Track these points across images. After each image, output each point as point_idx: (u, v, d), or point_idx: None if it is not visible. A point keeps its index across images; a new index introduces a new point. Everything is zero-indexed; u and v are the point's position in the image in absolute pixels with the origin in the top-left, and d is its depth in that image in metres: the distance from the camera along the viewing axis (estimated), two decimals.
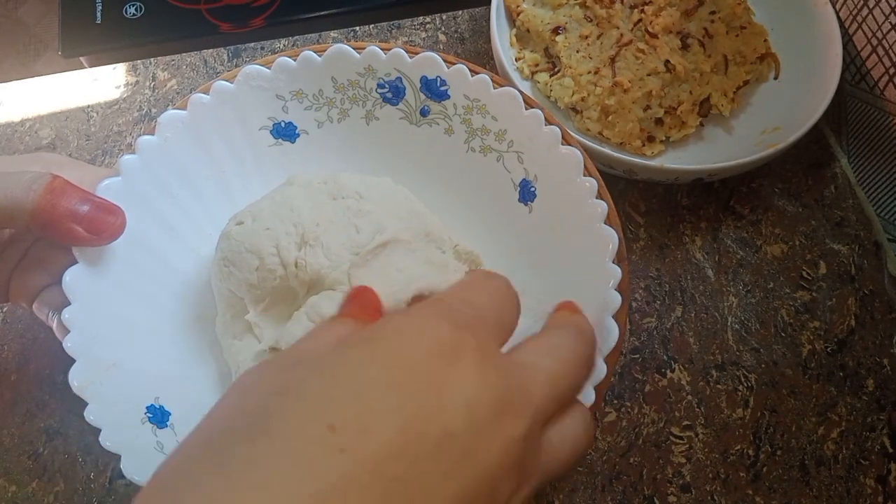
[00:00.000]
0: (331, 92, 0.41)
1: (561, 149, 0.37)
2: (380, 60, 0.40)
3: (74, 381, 0.31)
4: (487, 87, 0.39)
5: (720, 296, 0.49)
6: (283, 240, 0.35)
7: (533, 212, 0.39)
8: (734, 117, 0.53)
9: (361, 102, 0.41)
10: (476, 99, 0.39)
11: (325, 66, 0.40)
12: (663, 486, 0.43)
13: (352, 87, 0.41)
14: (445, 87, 0.40)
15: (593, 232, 0.35)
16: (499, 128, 0.40)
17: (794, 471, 0.44)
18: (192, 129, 0.39)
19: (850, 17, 0.52)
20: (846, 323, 0.48)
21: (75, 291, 0.33)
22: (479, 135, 0.40)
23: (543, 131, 0.38)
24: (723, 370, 0.46)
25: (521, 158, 0.39)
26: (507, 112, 0.39)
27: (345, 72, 0.40)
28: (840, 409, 0.46)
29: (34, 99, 0.55)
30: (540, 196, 0.39)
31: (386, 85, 0.40)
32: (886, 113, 0.50)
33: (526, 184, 0.39)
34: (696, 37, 0.52)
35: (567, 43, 0.52)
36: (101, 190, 0.34)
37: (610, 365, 0.37)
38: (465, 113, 0.40)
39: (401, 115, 0.41)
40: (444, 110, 0.41)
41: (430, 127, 0.41)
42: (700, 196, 0.52)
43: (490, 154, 0.40)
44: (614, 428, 0.44)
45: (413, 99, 0.41)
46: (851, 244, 0.51)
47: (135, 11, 0.71)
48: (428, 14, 0.59)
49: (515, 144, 0.39)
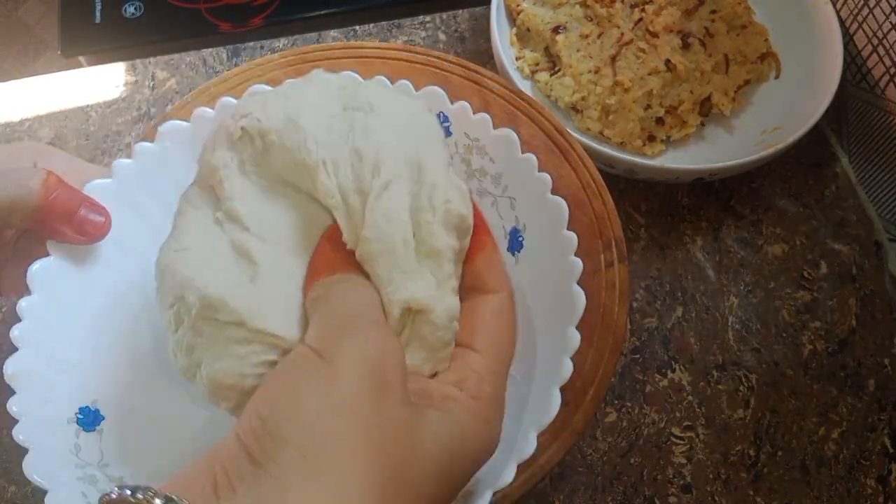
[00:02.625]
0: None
1: (549, 197, 0.36)
2: None
3: (8, 368, 0.31)
4: (487, 126, 0.38)
5: (721, 296, 0.49)
6: None
7: (518, 263, 0.38)
8: (735, 117, 0.53)
9: None
10: (476, 139, 0.39)
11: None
12: (664, 487, 0.43)
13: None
14: (448, 123, 0.39)
15: (565, 292, 0.34)
16: (496, 171, 0.39)
17: (795, 471, 0.44)
18: (193, 142, 0.38)
19: (851, 16, 0.52)
20: (847, 323, 0.48)
21: (40, 283, 0.32)
22: (477, 176, 0.39)
23: (535, 177, 0.37)
24: (723, 370, 0.46)
25: (513, 205, 0.39)
26: (504, 154, 0.38)
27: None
28: (841, 409, 0.45)
29: (34, 98, 0.55)
30: (526, 247, 0.38)
31: None
32: (887, 113, 0.50)
33: (515, 232, 0.39)
34: (696, 36, 0.52)
35: (567, 42, 0.52)
36: (89, 189, 0.34)
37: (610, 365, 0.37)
38: (465, 153, 0.39)
39: None
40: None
41: None
42: (700, 196, 0.52)
43: (486, 198, 0.39)
44: (615, 428, 0.44)
45: None
46: (852, 244, 0.51)
47: (134, 11, 0.71)
48: (428, 13, 0.59)
49: (509, 189, 0.39)
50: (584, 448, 0.44)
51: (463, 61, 0.46)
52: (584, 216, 0.41)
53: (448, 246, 0.29)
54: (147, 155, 0.37)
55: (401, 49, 0.46)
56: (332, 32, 0.58)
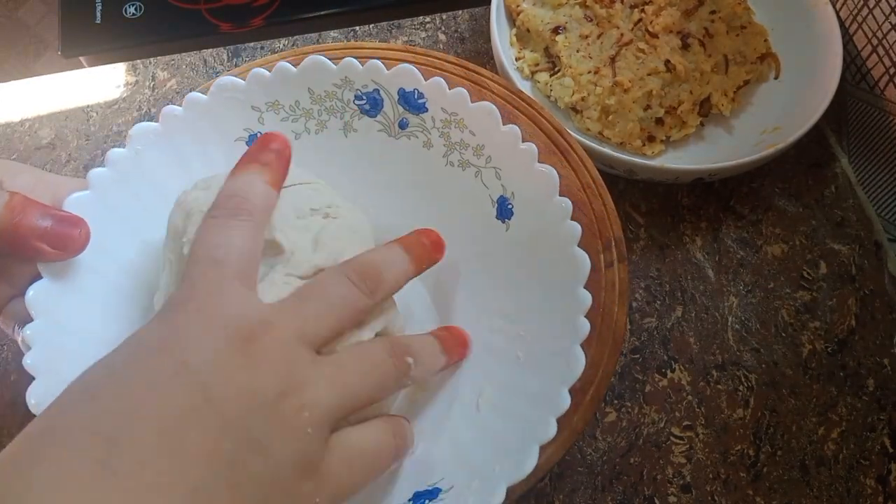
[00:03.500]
0: (307, 103, 0.40)
1: (537, 167, 0.37)
2: (356, 72, 0.39)
3: (32, 398, 0.30)
4: (465, 100, 0.38)
5: (720, 296, 0.49)
6: None
7: (510, 230, 0.39)
8: (734, 117, 0.53)
9: (339, 114, 0.41)
10: (454, 112, 0.39)
11: (301, 78, 0.40)
12: (663, 487, 0.43)
13: (329, 98, 0.40)
14: (423, 99, 0.39)
15: (566, 255, 0.35)
16: (477, 143, 0.39)
17: (795, 471, 0.44)
18: (165, 140, 0.38)
19: (851, 16, 0.52)
20: (847, 323, 0.48)
21: (39, 307, 0.32)
22: (457, 149, 0.40)
23: (520, 148, 0.37)
24: (723, 370, 0.46)
25: (498, 175, 0.39)
26: (485, 127, 0.39)
27: (321, 83, 0.40)
28: (840, 409, 0.46)
29: (34, 99, 0.55)
30: (517, 214, 0.39)
31: (363, 97, 0.40)
32: (887, 113, 0.50)
33: (504, 200, 0.39)
34: (696, 36, 0.52)
35: (567, 43, 0.52)
36: (69, 204, 0.34)
37: (609, 365, 0.37)
38: (444, 126, 0.40)
39: (379, 127, 0.41)
40: (423, 123, 0.40)
41: (409, 139, 0.41)
42: (700, 196, 0.52)
43: (469, 169, 0.40)
44: (614, 428, 0.44)
45: (391, 111, 0.40)
46: (852, 244, 0.51)
47: (134, 11, 0.71)
48: (428, 14, 0.59)
49: (493, 160, 0.39)
50: (584, 448, 0.44)
51: (463, 61, 0.46)
52: (584, 216, 0.41)
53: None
54: (120, 160, 0.37)
55: (401, 49, 0.46)
56: (332, 33, 0.58)
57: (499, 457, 0.32)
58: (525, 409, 0.33)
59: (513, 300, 0.38)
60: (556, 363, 0.33)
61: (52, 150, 0.52)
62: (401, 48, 0.46)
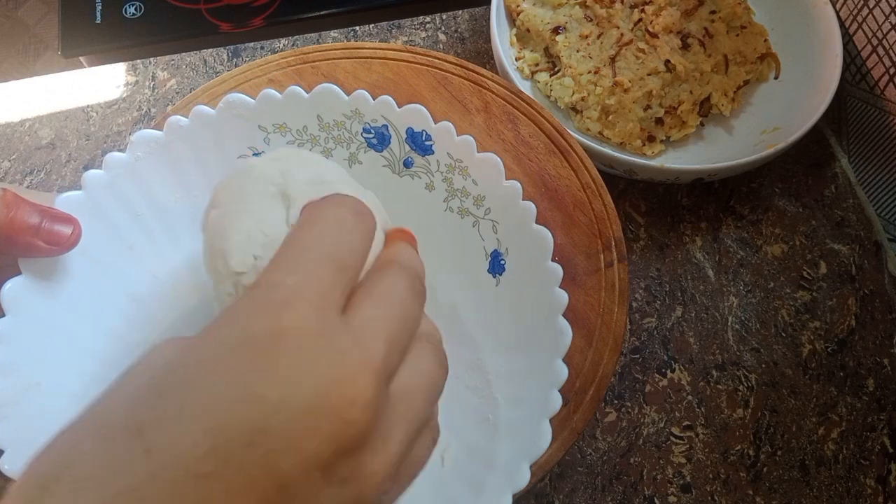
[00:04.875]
0: (315, 129, 0.40)
1: (533, 227, 0.36)
2: (368, 105, 0.39)
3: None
4: (471, 149, 0.38)
5: (720, 296, 0.49)
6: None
7: (499, 286, 0.39)
8: (734, 117, 0.53)
9: (346, 144, 0.41)
10: (459, 160, 0.39)
11: (312, 104, 0.39)
12: (663, 487, 0.43)
13: (337, 127, 0.40)
14: (430, 142, 0.39)
15: (550, 325, 0.34)
16: (478, 193, 0.39)
17: (795, 471, 0.44)
18: (166, 150, 0.38)
19: (850, 17, 0.52)
20: (846, 323, 0.48)
21: (12, 304, 0.32)
22: (458, 196, 0.40)
23: (519, 206, 0.37)
24: (723, 370, 0.46)
25: (495, 228, 0.39)
26: (488, 178, 0.38)
27: (331, 111, 0.40)
28: (840, 409, 0.46)
29: (34, 99, 0.55)
30: (508, 271, 0.39)
31: (372, 130, 0.40)
32: (886, 113, 0.50)
33: (497, 255, 0.39)
34: (696, 36, 0.52)
35: (567, 43, 0.52)
36: (60, 202, 0.34)
37: (609, 365, 0.37)
38: (448, 172, 0.40)
39: (384, 162, 0.41)
40: (427, 165, 0.40)
41: (412, 179, 0.41)
42: (700, 196, 0.52)
43: (467, 217, 0.40)
44: (614, 428, 0.44)
45: (398, 148, 0.40)
46: (852, 244, 0.51)
47: (134, 11, 0.71)
48: (428, 14, 0.59)
49: (492, 213, 0.39)
50: (584, 448, 0.44)
51: (463, 62, 0.46)
52: (584, 216, 0.41)
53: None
54: (117, 165, 0.36)
55: (401, 49, 0.46)
56: (332, 33, 0.58)
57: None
58: (484, 476, 0.33)
59: (496, 358, 0.38)
60: (523, 435, 0.32)
61: (52, 150, 0.52)
62: (401, 48, 0.46)
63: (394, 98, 0.39)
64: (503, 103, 0.45)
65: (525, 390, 0.35)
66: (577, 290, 0.39)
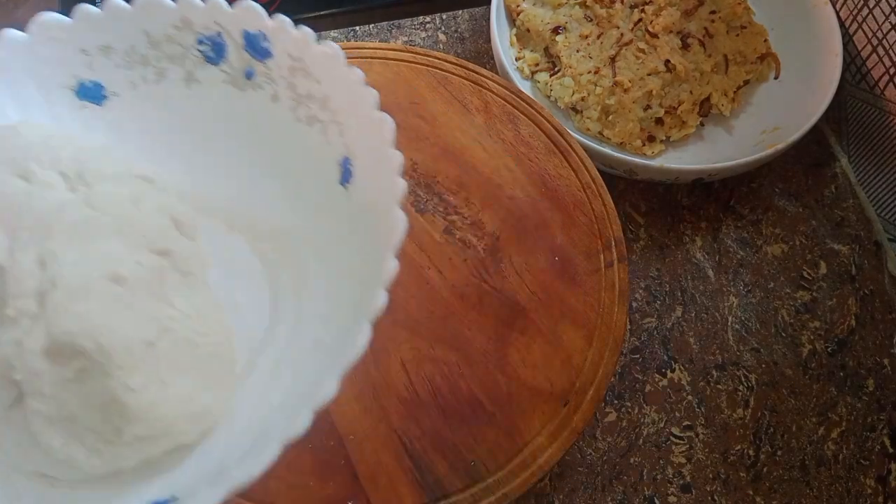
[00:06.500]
0: (144, 48, 0.36)
1: (375, 115, 0.32)
2: (197, 11, 0.35)
3: None
4: (308, 43, 0.34)
5: (720, 296, 0.49)
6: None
7: (350, 195, 0.35)
8: (734, 117, 0.53)
9: (180, 61, 0.36)
10: (299, 58, 0.35)
11: (137, 17, 0.35)
12: (663, 487, 0.43)
13: (168, 42, 0.36)
14: (268, 43, 0.35)
15: (388, 216, 0.29)
16: (323, 93, 0.35)
17: (795, 471, 0.44)
18: (31, 52, 0.34)
19: (850, 17, 0.52)
20: (846, 323, 0.48)
21: None
22: (305, 103, 0.36)
23: (361, 93, 0.32)
24: (723, 370, 0.46)
25: (341, 131, 0.35)
26: (329, 73, 0.34)
27: (159, 25, 0.35)
28: (840, 409, 0.46)
29: None
30: (355, 175, 0.35)
31: (206, 41, 0.36)
32: (886, 113, 0.50)
33: (346, 162, 0.35)
34: (696, 36, 0.52)
35: (567, 43, 0.52)
36: None
37: (609, 365, 0.37)
38: (290, 75, 0.35)
39: (224, 77, 0.37)
40: (269, 72, 0.36)
41: (256, 92, 0.37)
42: (700, 196, 0.52)
43: (314, 125, 0.36)
44: (614, 428, 0.44)
45: (236, 58, 0.36)
46: (852, 244, 0.51)
47: None
48: (428, 14, 0.59)
49: (338, 114, 0.35)
50: (584, 448, 0.44)
51: (463, 62, 0.46)
52: (583, 216, 0.41)
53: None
54: None
55: (401, 49, 0.46)
56: (332, 33, 0.58)
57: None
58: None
59: (334, 284, 0.34)
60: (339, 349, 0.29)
61: None
62: (401, 48, 0.46)
63: (394, 98, 0.38)
64: (503, 103, 0.45)
65: (353, 292, 0.31)
66: (577, 289, 0.39)
